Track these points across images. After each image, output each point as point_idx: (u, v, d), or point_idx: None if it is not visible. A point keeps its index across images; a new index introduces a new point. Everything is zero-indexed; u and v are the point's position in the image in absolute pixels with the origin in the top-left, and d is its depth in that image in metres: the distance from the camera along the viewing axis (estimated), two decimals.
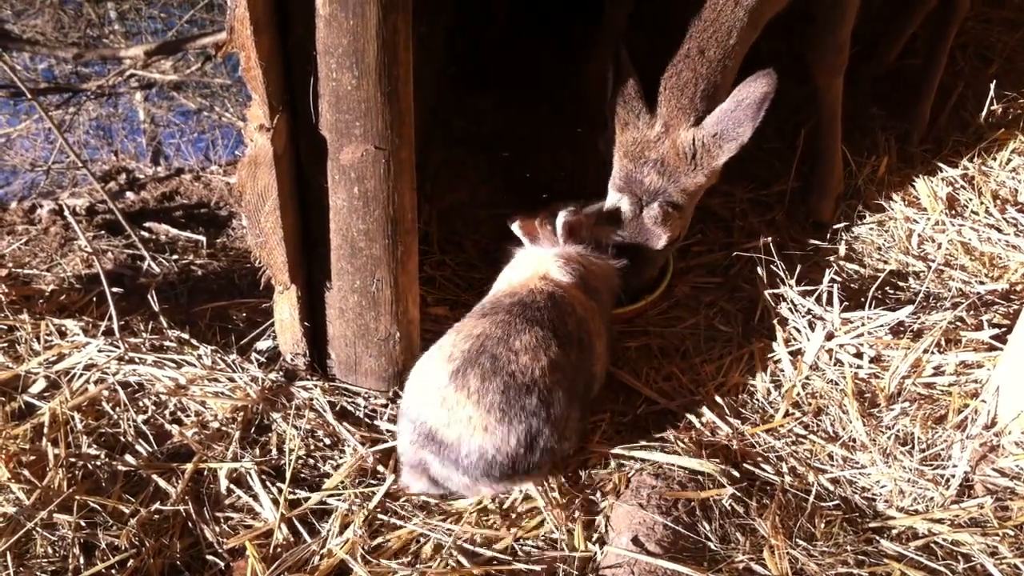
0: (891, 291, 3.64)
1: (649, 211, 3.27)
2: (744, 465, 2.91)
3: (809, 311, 3.42)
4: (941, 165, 4.26)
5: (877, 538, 2.70)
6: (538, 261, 3.04)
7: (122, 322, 3.22)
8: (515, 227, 3.11)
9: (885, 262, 3.83)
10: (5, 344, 3.19)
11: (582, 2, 4.66)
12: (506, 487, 2.76)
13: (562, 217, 3.05)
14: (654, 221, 3.28)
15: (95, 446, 2.86)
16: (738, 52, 3.24)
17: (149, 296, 3.34)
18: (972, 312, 3.43)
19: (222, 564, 2.61)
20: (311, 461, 2.92)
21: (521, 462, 2.63)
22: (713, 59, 3.18)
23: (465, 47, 4.88)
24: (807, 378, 3.21)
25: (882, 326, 3.31)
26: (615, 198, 3.32)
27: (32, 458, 2.77)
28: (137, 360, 3.12)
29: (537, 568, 2.59)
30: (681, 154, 3.20)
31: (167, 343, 3.22)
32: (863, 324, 3.32)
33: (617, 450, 2.95)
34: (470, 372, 2.59)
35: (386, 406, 3.12)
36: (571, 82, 4.35)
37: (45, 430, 2.86)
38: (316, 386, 3.12)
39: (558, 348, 2.70)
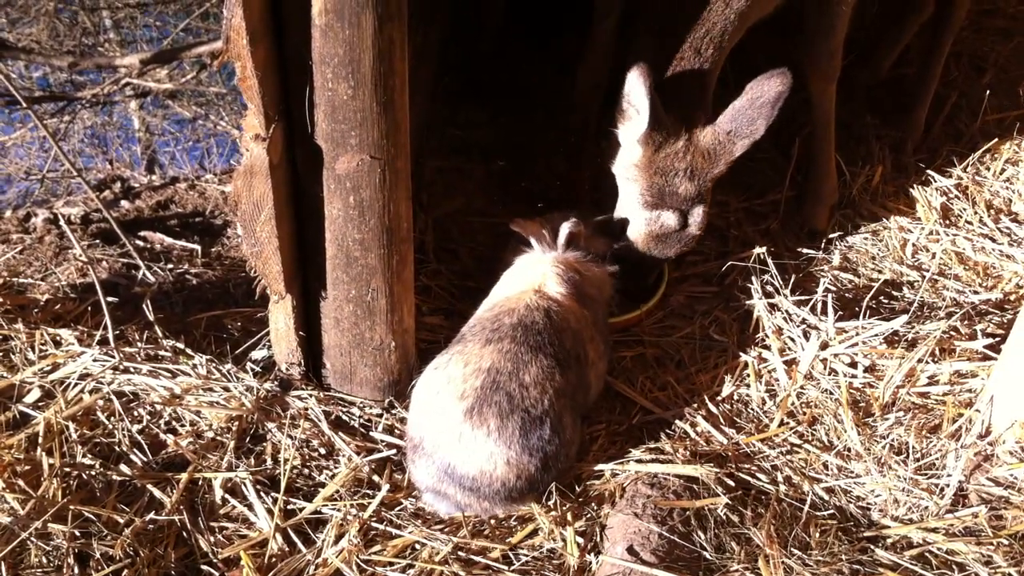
0: (885, 301, 3.65)
1: (694, 217, 3.35)
2: (739, 474, 2.91)
3: (804, 320, 3.43)
4: (935, 175, 4.27)
5: (872, 547, 2.70)
6: (536, 269, 3.05)
7: (117, 331, 3.22)
8: (517, 228, 3.15)
9: (879, 271, 3.84)
10: (0, 354, 3.18)
11: (573, 12, 4.68)
12: (519, 506, 2.81)
13: (566, 229, 3.09)
14: (700, 226, 3.37)
15: (90, 456, 2.85)
16: (726, 52, 3.30)
17: (144, 305, 3.33)
18: (966, 322, 3.44)
19: (217, 574, 2.61)
20: (306, 471, 2.92)
21: (537, 484, 2.76)
22: (709, 59, 3.25)
23: (459, 57, 4.89)
24: (802, 387, 3.22)
25: (876, 335, 3.32)
26: (652, 215, 3.34)
27: (27, 468, 2.77)
28: (132, 370, 3.12)
29: None
30: (707, 156, 3.26)
31: (162, 352, 3.21)
32: (857, 333, 3.33)
33: (612, 465, 2.95)
34: (487, 411, 2.67)
35: (381, 415, 3.12)
36: (564, 91, 4.36)
37: (40, 440, 2.85)
38: (311, 395, 3.12)
39: (561, 376, 2.79)
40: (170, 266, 3.83)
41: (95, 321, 3.32)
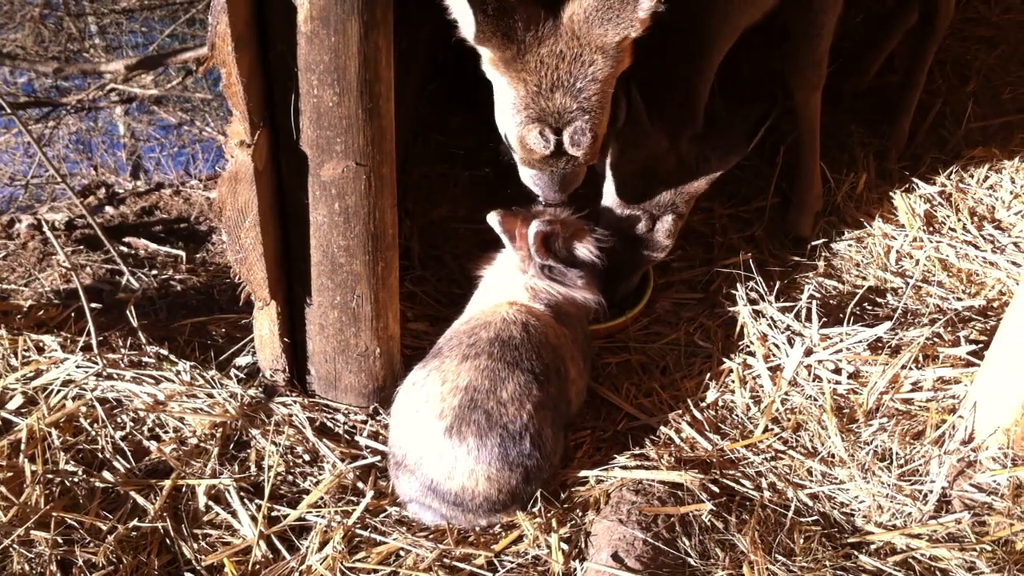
0: (869, 307, 3.66)
1: (663, 224, 3.32)
2: (723, 480, 2.92)
3: (788, 327, 3.44)
4: (919, 182, 4.29)
5: (856, 553, 2.71)
6: (506, 286, 3.04)
7: (100, 338, 3.21)
8: (494, 220, 2.99)
9: (863, 278, 3.85)
10: None
11: None
12: (503, 516, 2.81)
13: (535, 227, 2.90)
14: (667, 234, 3.34)
15: (73, 462, 2.84)
16: (716, 60, 3.30)
17: (128, 311, 3.33)
18: (949, 328, 3.46)
19: None
20: (290, 477, 2.92)
21: (520, 496, 2.78)
22: (697, 69, 3.24)
23: (446, 63, 4.89)
24: (786, 394, 3.22)
25: (860, 342, 3.33)
26: (623, 213, 3.34)
27: (9, 474, 2.75)
28: (115, 376, 3.11)
29: None
30: (686, 166, 3.25)
31: (146, 359, 3.20)
32: (842, 340, 3.34)
33: (597, 471, 2.95)
34: (466, 430, 2.67)
35: (366, 422, 3.12)
36: None
37: (22, 446, 2.84)
38: (295, 402, 3.11)
39: (539, 391, 2.78)
40: (154, 272, 3.82)
41: (78, 327, 3.31)
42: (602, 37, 2.69)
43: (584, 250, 3.04)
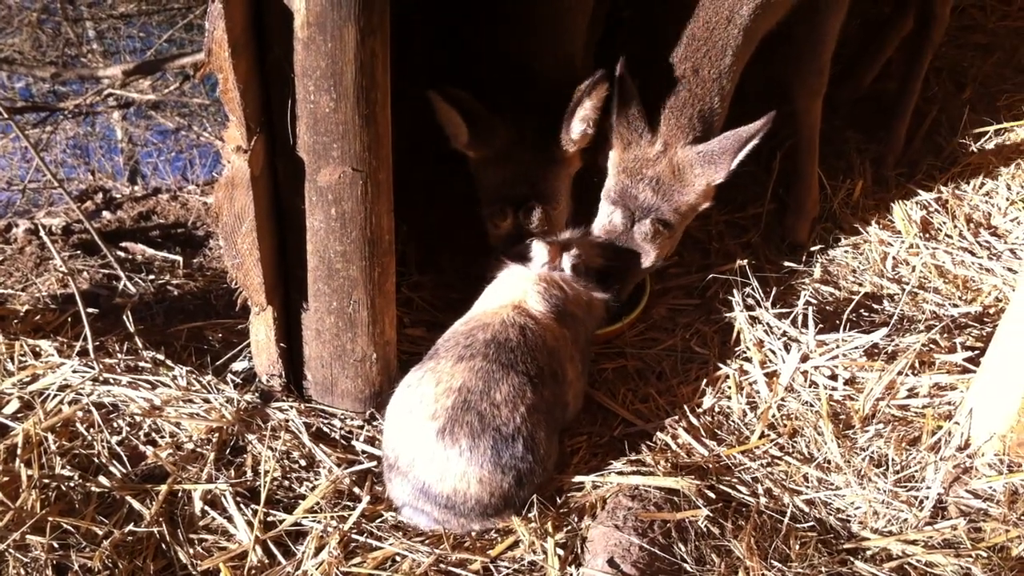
0: (866, 313, 3.66)
1: (640, 226, 3.29)
2: (720, 486, 2.92)
3: (784, 333, 3.44)
4: (915, 189, 4.30)
5: (851, 559, 2.71)
6: (517, 285, 3.05)
7: (97, 342, 3.21)
8: (541, 247, 3.14)
9: (860, 284, 3.86)
10: None
11: None
12: (497, 521, 2.81)
13: (568, 260, 3.14)
14: (644, 237, 3.30)
15: (69, 467, 2.84)
16: (734, 71, 3.27)
17: (124, 316, 3.32)
18: (946, 335, 3.46)
19: None
20: (286, 483, 2.91)
21: (513, 500, 2.77)
22: (708, 79, 3.22)
23: (443, 67, 4.88)
24: (782, 400, 3.23)
25: (857, 348, 3.33)
26: (608, 211, 3.34)
27: (5, 479, 2.75)
28: (112, 381, 3.11)
29: None
30: (676, 173, 3.23)
31: (142, 364, 3.20)
32: (838, 346, 3.34)
33: (593, 477, 2.95)
34: (459, 432, 2.68)
35: (362, 427, 3.12)
36: None
37: (18, 451, 2.84)
38: (292, 407, 3.11)
39: (533, 393, 2.79)
40: (151, 277, 3.82)
41: (75, 332, 3.30)
42: (554, 149, 3.39)
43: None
